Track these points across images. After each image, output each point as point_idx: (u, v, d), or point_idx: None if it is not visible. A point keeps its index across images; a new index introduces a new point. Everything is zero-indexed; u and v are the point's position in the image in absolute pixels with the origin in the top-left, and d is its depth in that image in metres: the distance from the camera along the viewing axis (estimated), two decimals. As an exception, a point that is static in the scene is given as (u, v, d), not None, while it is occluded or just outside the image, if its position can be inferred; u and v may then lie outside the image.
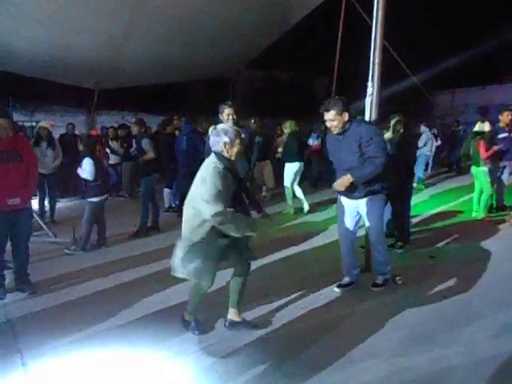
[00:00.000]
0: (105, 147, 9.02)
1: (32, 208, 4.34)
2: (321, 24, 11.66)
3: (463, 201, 7.43)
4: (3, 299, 3.80)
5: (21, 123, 9.58)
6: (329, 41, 8.40)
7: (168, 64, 9.52)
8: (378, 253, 3.79)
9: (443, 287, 3.80)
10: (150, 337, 3.05)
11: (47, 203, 6.77)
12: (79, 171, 5.13)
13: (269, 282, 3.97)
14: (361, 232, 4.02)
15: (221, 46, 8.96)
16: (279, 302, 3.56)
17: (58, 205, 7.05)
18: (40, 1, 6.64)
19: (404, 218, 5.16)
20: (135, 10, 7.16)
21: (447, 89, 17.09)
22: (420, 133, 8.28)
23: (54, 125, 7.10)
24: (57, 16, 6.98)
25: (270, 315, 3.33)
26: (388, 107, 5.75)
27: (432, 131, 10.05)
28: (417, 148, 5.24)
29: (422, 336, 2.96)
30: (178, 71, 10.27)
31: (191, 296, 3.06)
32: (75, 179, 5.43)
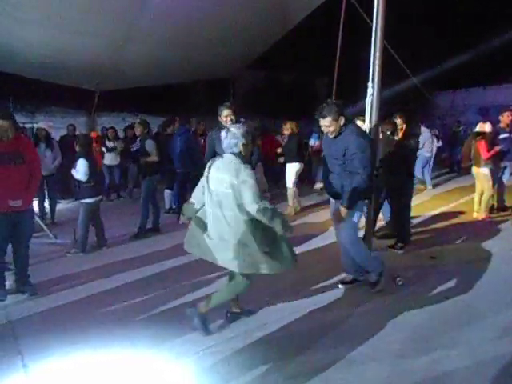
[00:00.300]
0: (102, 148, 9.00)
1: (33, 210, 4.33)
2: (321, 25, 11.66)
3: (464, 201, 7.42)
4: (4, 301, 3.80)
5: (21, 124, 9.56)
6: (329, 41, 8.38)
7: (168, 65, 9.52)
8: (356, 254, 3.66)
9: (444, 288, 3.80)
10: (151, 338, 3.05)
11: (47, 204, 6.77)
12: (73, 172, 5.13)
13: (269, 283, 3.95)
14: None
15: (221, 47, 8.96)
16: (280, 304, 3.56)
17: (59, 206, 7.05)
18: (41, 2, 6.65)
19: (404, 219, 5.16)
20: (136, 12, 7.17)
21: (448, 89, 17.09)
22: (419, 133, 8.27)
23: (52, 126, 7.10)
24: (57, 17, 6.99)
25: (271, 316, 3.33)
26: (388, 108, 5.75)
27: (433, 132, 10.04)
28: (417, 149, 5.23)
29: (423, 337, 2.95)
30: (179, 72, 10.27)
31: (225, 293, 3.12)
32: (75, 180, 5.42)
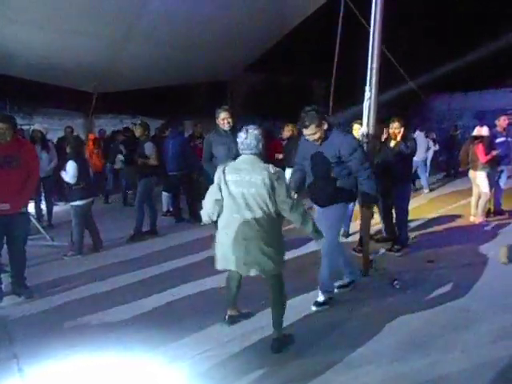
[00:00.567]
0: (103, 150, 9.00)
1: (29, 212, 4.30)
2: (320, 27, 11.70)
3: (461, 205, 7.44)
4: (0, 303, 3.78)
5: (19, 126, 9.55)
6: (328, 44, 8.41)
7: (167, 67, 9.53)
8: (326, 268, 3.56)
9: (441, 291, 3.80)
10: (147, 341, 3.03)
11: (44, 207, 6.75)
12: (62, 174, 5.11)
13: (266, 286, 3.94)
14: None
15: (220, 50, 8.98)
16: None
17: (56, 208, 7.02)
18: (39, 4, 6.65)
19: (402, 222, 5.17)
20: (134, 14, 7.18)
21: (445, 93, 17.17)
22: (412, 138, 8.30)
23: (47, 128, 7.09)
24: (55, 19, 7.00)
25: (268, 320, 3.30)
26: (385, 111, 5.77)
27: (430, 136, 10.07)
28: (414, 152, 5.24)
29: (420, 341, 2.95)
30: (177, 75, 10.28)
31: (278, 306, 2.98)
32: (64, 182, 5.30)
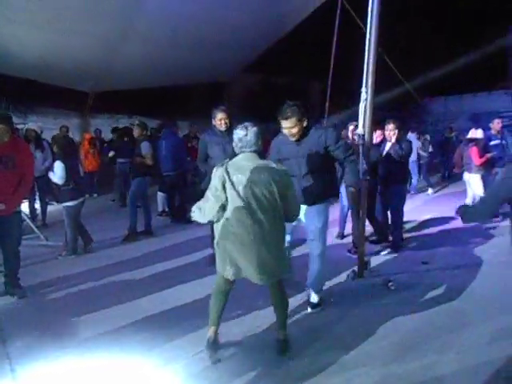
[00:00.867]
0: (99, 150, 8.97)
1: (22, 213, 4.28)
2: (317, 29, 11.73)
3: (455, 207, 7.45)
4: None
5: (14, 125, 9.51)
6: (325, 45, 8.43)
7: (163, 68, 9.52)
8: (318, 267, 3.47)
9: (436, 293, 3.81)
10: (141, 343, 3.02)
11: (38, 206, 6.71)
12: (50, 175, 5.05)
13: (261, 288, 3.93)
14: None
15: (217, 50, 8.99)
16: (271, 308, 3.53)
17: (50, 208, 6.97)
18: (35, 3, 6.62)
19: (396, 224, 5.19)
20: (131, 14, 7.17)
21: (440, 95, 17.26)
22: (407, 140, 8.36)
23: (42, 127, 7.05)
24: (52, 18, 6.97)
25: (262, 321, 3.31)
26: (381, 113, 5.79)
27: (424, 137, 10.14)
28: (409, 154, 5.26)
29: (415, 342, 2.95)
30: (174, 75, 10.27)
31: (281, 309, 2.92)
32: (53, 183, 5.24)
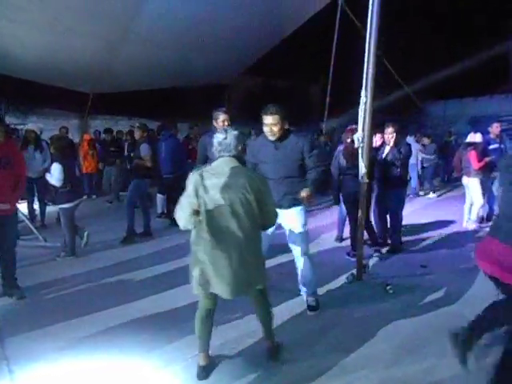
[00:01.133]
0: (98, 151, 8.97)
1: (18, 212, 4.30)
2: (317, 32, 11.77)
3: (454, 211, 7.48)
4: None
5: (13, 126, 9.51)
6: (325, 48, 8.48)
7: (164, 70, 9.53)
8: (310, 269, 3.52)
9: (434, 296, 3.81)
10: (140, 344, 3.01)
11: (37, 207, 6.70)
12: (47, 176, 5.03)
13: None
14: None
15: (217, 53, 9.00)
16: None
17: (49, 209, 6.96)
18: (35, 4, 6.63)
19: (395, 227, 5.20)
20: (131, 15, 7.18)
21: (439, 99, 17.30)
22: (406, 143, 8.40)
23: (42, 127, 7.05)
24: (53, 19, 6.97)
25: (257, 324, 3.29)
26: (380, 116, 5.81)
27: (422, 141, 10.17)
28: (408, 157, 5.29)
29: (414, 346, 2.96)
30: (174, 77, 10.28)
31: (267, 318, 2.83)
32: (50, 185, 5.21)
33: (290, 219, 3.48)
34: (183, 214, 2.54)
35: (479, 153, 6.15)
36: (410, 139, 9.37)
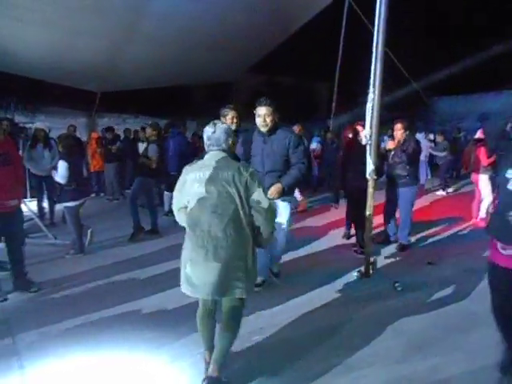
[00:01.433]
0: (105, 149, 9.03)
1: (21, 208, 4.39)
2: (324, 29, 11.72)
3: (463, 207, 7.42)
4: (6, 300, 3.80)
5: (22, 125, 9.59)
6: (331, 46, 8.45)
7: (170, 68, 9.54)
8: (280, 242, 3.84)
9: (442, 293, 3.79)
10: (149, 341, 3.04)
11: (46, 205, 6.76)
12: (53, 174, 5.07)
13: (265, 288, 3.94)
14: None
15: (223, 51, 8.98)
16: (276, 308, 3.55)
17: (58, 206, 7.03)
18: (42, 3, 6.67)
19: (405, 224, 5.17)
20: (137, 14, 7.19)
21: (448, 95, 17.14)
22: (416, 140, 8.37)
23: (50, 126, 7.12)
24: (58, 18, 7.01)
25: (268, 320, 3.32)
26: (388, 113, 5.77)
27: (428, 137, 10.12)
28: (419, 154, 5.25)
29: (421, 343, 2.95)
30: (180, 75, 10.29)
31: (236, 320, 2.53)
32: (56, 182, 5.26)
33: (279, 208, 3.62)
34: (175, 210, 2.60)
35: (488, 149, 6.09)
36: (420, 136, 9.33)
